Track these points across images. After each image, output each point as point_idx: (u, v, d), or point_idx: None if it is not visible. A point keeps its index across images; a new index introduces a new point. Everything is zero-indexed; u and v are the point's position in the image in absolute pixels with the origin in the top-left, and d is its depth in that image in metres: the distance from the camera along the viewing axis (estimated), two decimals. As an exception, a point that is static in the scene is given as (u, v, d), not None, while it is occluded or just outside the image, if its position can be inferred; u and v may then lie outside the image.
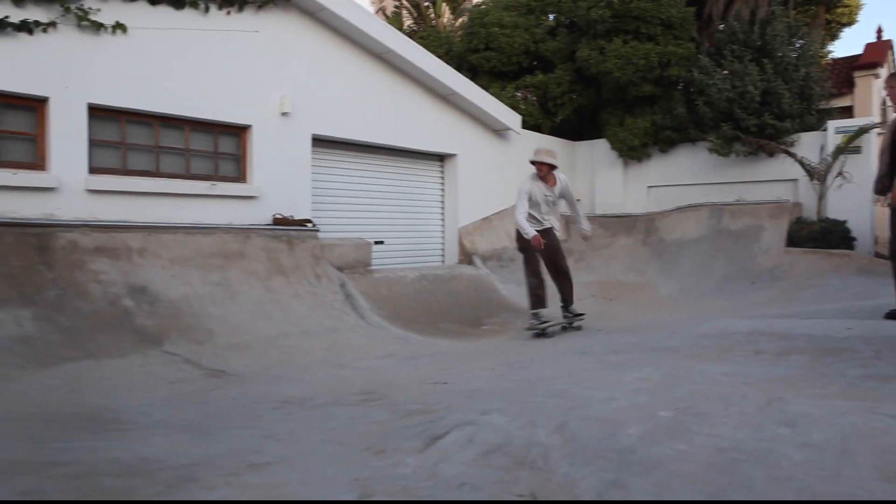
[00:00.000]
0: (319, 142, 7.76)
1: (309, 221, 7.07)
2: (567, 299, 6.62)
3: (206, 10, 6.71)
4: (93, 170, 5.89)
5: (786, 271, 9.30)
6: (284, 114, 7.25)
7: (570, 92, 12.07)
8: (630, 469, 1.95)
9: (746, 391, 2.81)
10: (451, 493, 1.95)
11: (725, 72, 10.65)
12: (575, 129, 12.73)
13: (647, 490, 1.81)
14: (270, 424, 3.06)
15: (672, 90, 11.54)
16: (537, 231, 6.27)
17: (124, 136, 6.22)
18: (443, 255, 9.79)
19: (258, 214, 6.91)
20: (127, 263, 5.48)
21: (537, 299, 6.40)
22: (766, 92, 10.30)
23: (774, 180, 10.65)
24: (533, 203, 6.42)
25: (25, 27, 5.51)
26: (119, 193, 6.01)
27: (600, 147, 12.16)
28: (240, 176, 7.01)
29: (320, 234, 7.13)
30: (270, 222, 6.91)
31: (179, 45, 6.44)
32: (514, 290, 9.18)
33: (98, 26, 5.89)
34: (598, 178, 12.27)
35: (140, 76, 6.18)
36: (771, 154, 10.53)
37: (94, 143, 5.94)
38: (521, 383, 3.59)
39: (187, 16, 6.59)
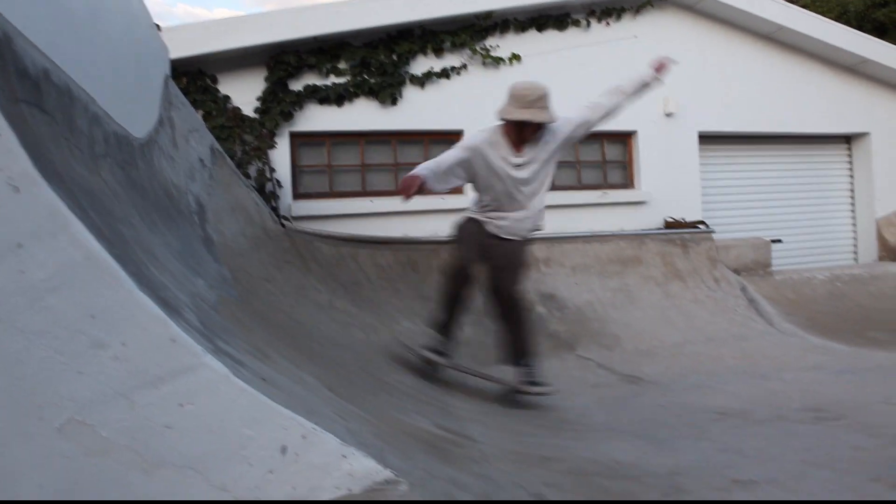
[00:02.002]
0: (705, 138, 7.36)
1: (702, 223, 6.74)
2: (519, 349, 3.67)
3: (588, 25, 6.93)
4: (499, 189, 6.54)
5: None
6: (668, 114, 7.06)
7: None
8: None
9: None
10: None
11: None
12: None
13: None
14: (724, 437, 2.90)
15: None
16: (488, 231, 3.64)
17: (522, 155, 6.78)
18: (855, 252, 8.40)
19: (648, 219, 6.85)
20: (536, 272, 5.91)
21: (441, 315, 3.77)
22: None
23: None
24: (481, 179, 3.61)
25: (444, 73, 6.42)
26: (521, 209, 6.54)
27: None
28: (627, 182, 7.06)
29: (714, 236, 6.73)
30: (661, 226, 6.78)
31: (564, 64, 6.76)
32: (964, 292, 7.39)
33: (498, 61, 6.54)
34: None
35: (533, 99, 6.66)
36: None
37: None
38: None
39: (570, 35, 6.90)
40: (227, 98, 5.95)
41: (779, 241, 7.65)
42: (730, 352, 5.33)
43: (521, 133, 3.50)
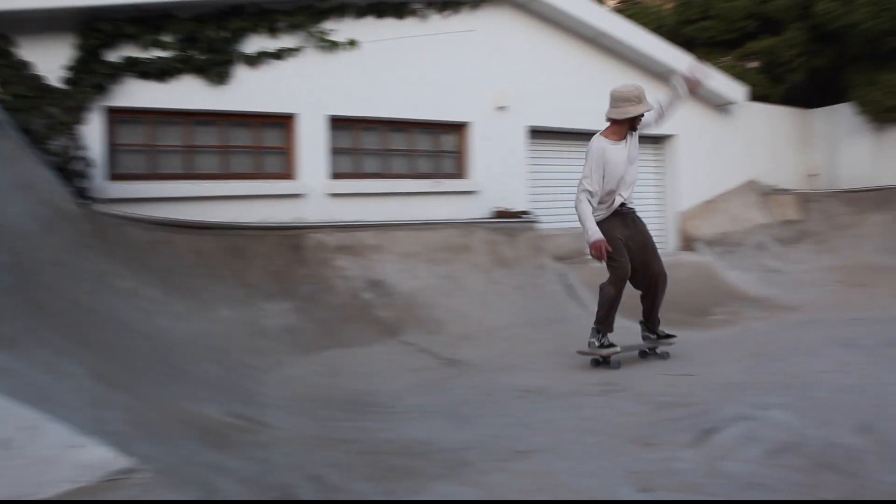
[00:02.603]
0: (534, 133, 7.77)
1: (526, 213, 7.12)
2: (653, 316, 4.68)
3: (425, 16, 7.03)
4: (332, 175, 6.47)
5: None
6: (500, 108, 7.36)
7: (803, 54, 10.79)
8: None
9: None
10: (743, 493, 1.79)
11: None
12: (808, 95, 11.34)
13: None
14: (520, 413, 3.10)
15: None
16: (617, 214, 4.41)
17: (358, 142, 6.76)
18: (661, 243, 9.30)
19: (478, 208, 7.11)
20: (365, 259, 5.94)
21: (608, 318, 4.47)
22: None
23: None
24: (610, 177, 4.34)
25: (278, 55, 6.21)
26: (354, 195, 6.54)
27: (842, 112, 10.68)
28: (460, 172, 7.28)
29: (538, 225, 7.15)
30: (491, 215, 7.07)
31: (402, 53, 6.81)
32: (743, 278, 8.47)
33: (334, 45, 6.45)
34: (841, 147, 10.79)
35: (369, 85, 6.66)
36: None
37: (333, 152, 6.52)
38: (783, 377, 3.25)
39: (409, 24, 6.95)
40: (28, 64, 5.34)
41: (597, 231, 8.26)
42: (545, 334, 5.69)
43: (633, 124, 4.37)
